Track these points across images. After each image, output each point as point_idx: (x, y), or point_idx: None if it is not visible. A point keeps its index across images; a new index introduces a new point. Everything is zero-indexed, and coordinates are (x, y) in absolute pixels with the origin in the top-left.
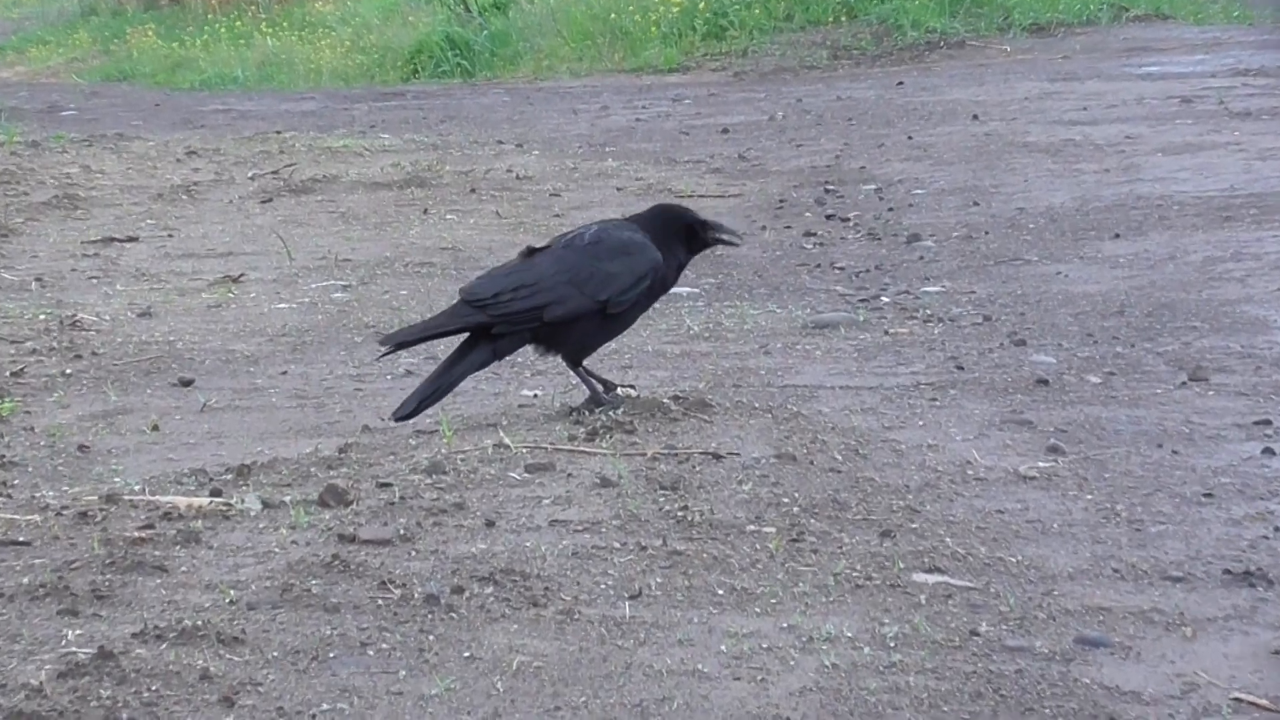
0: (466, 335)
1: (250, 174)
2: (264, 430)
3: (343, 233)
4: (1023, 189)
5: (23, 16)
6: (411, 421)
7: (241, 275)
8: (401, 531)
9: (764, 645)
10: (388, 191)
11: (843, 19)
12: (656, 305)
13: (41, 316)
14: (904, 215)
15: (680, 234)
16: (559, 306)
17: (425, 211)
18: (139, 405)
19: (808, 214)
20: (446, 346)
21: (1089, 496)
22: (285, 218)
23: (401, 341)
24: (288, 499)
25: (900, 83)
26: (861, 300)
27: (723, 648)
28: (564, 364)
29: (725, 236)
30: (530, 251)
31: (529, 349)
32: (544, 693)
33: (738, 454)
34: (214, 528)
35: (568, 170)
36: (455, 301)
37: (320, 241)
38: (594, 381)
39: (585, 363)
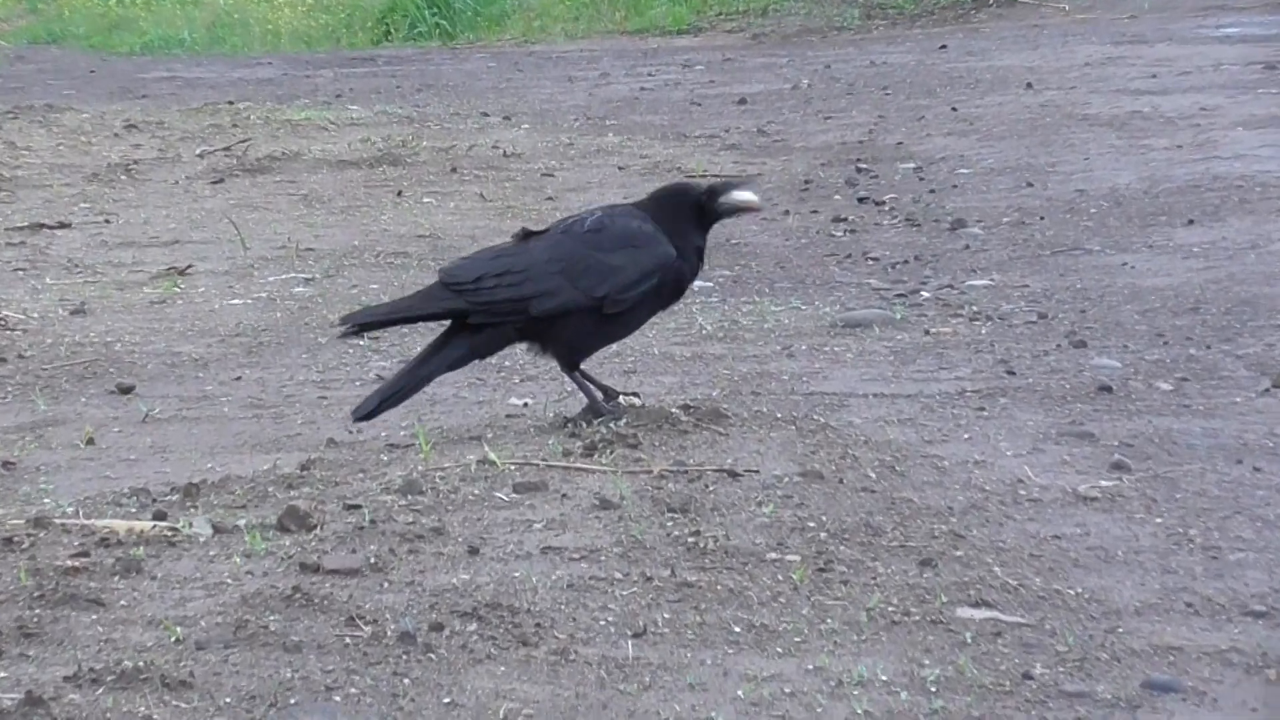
0: (444, 328)
1: (199, 151)
2: (215, 444)
3: (305, 218)
4: (1083, 168)
5: None
6: (383, 435)
7: (189, 267)
8: (372, 560)
9: (787, 690)
10: (356, 171)
11: None
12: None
13: None
14: (947, 198)
15: (691, 215)
16: (548, 299)
17: (399, 194)
18: (72, 415)
19: (837, 196)
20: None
21: (1158, 520)
22: (239, 201)
23: (364, 322)
24: (242, 523)
25: (943, 46)
26: (898, 295)
27: (739, 693)
28: (557, 367)
29: (739, 200)
30: (526, 235)
31: (517, 349)
32: None
33: (756, 471)
34: (158, 555)
35: (562, 146)
36: (433, 283)
37: (279, 228)
38: (592, 388)
39: (583, 366)
